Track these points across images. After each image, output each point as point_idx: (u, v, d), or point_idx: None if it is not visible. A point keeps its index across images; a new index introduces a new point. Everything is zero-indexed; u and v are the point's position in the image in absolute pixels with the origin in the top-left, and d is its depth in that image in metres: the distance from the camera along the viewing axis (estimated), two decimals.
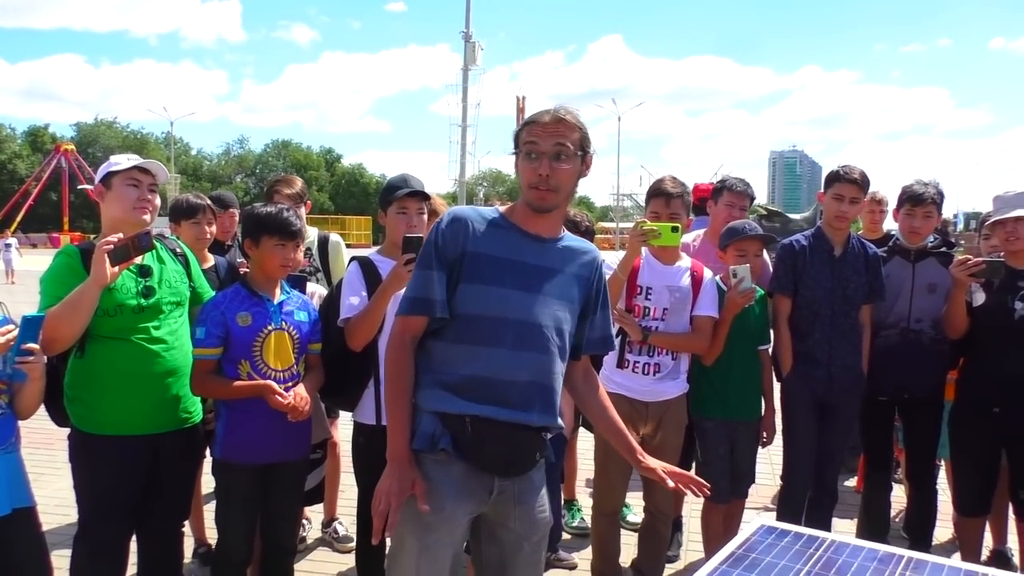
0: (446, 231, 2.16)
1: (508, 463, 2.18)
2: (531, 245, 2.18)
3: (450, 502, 2.12)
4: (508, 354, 2.11)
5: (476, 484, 2.15)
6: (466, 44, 32.23)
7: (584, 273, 2.26)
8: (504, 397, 2.11)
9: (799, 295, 3.62)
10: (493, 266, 2.13)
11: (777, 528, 2.08)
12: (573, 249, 2.26)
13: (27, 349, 2.43)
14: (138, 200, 2.80)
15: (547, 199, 2.12)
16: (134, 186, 2.81)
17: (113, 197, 2.81)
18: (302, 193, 4.03)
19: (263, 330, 2.93)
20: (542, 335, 2.15)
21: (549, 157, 2.09)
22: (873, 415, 3.81)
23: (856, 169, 3.60)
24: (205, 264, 3.77)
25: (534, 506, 2.25)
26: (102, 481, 2.79)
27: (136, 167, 2.82)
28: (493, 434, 2.12)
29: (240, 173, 79.37)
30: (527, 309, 2.13)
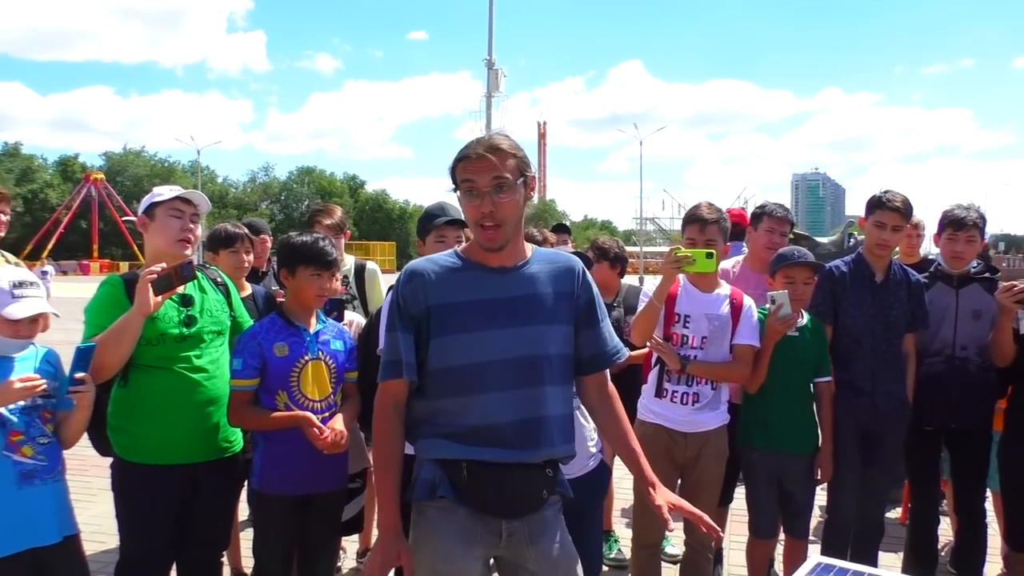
0: (404, 290, 2.13)
1: (511, 505, 2.11)
2: (495, 279, 2.11)
3: (458, 549, 2.08)
4: (495, 397, 2.07)
5: (483, 528, 2.11)
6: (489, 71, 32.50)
7: (563, 288, 2.16)
8: (500, 439, 2.07)
9: (839, 323, 3.55)
10: (459, 313, 2.08)
11: (835, 566, 2.01)
12: (545, 268, 2.17)
13: (80, 379, 2.46)
14: (180, 231, 2.83)
15: (496, 237, 2.06)
16: (177, 217, 2.84)
17: (156, 228, 2.84)
18: (342, 223, 4.05)
19: (300, 360, 2.92)
20: (527, 369, 2.08)
21: (490, 193, 2.03)
22: (919, 445, 3.71)
23: (899, 196, 3.54)
24: (243, 293, 3.79)
25: (552, 545, 2.17)
26: (144, 510, 2.79)
27: (178, 197, 2.85)
28: (491, 477, 2.07)
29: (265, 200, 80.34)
30: (503, 347, 2.07)
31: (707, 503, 3.36)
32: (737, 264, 4.06)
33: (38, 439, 2.46)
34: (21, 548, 2.41)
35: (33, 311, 2.45)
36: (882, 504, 3.71)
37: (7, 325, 2.43)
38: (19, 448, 2.42)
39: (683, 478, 3.38)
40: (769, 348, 3.32)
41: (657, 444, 3.30)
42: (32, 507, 2.43)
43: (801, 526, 3.52)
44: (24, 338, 2.49)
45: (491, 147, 2.04)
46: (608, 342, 2.25)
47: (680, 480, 3.40)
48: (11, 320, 2.42)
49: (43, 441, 2.48)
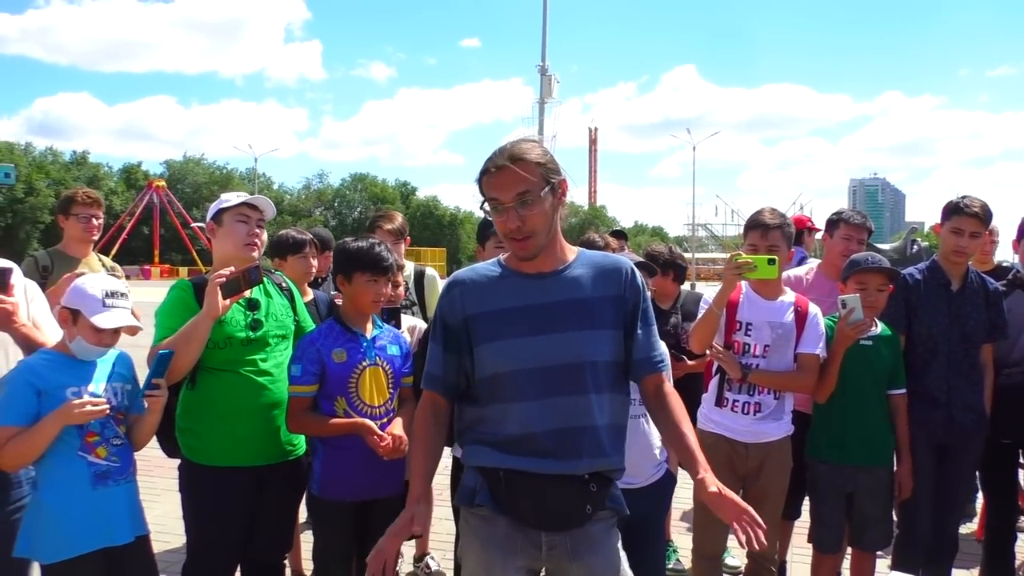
0: (444, 301, 2.15)
1: (549, 517, 2.06)
2: (534, 285, 2.07)
3: (499, 559, 2.07)
4: (537, 405, 2.03)
5: (523, 539, 2.08)
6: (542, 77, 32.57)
7: (609, 292, 2.09)
8: (540, 448, 2.03)
9: (914, 331, 3.44)
10: (498, 320, 2.06)
11: None
12: (589, 271, 2.10)
13: (156, 384, 2.53)
14: (247, 235, 2.88)
15: (528, 248, 2.03)
16: (243, 222, 2.89)
17: (224, 233, 2.89)
18: (402, 229, 4.07)
19: (358, 366, 2.93)
20: (569, 376, 2.03)
21: (515, 207, 1.98)
22: (996, 459, 3.59)
23: (977, 201, 3.42)
24: (306, 298, 3.83)
25: (598, 563, 2.10)
26: (211, 511, 2.83)
27: (245, 203, 2.89)
28: (528, 487, 2.04)
29: (319, 206, 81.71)
30: (544, 353, 2.03)
31: (770, 515, 3.28)
32: (811, 272, 3.96)
33: (112, 440, 2.52)
34: (96, 547, 2.46)
35: (119, 323, 2.51)
36: (957, 519, 3.59)
37: (92, 332, 2.48)
38: (94, 449, 2.48)
39: (745, 489, 3.30)
40: (839, 355, 3.22)
41: (718, 454, 3.23)
42: (106, 507, 2.48)
43: (871, 539, 3.40)
44: (106, 346, 2.54)
45: (512, 157, 1.99)
46: (656, 347, 2.18)
47: (742, 492, 3.32)
48: (97, 328, 2.47)
49: (116, 443, 2.53)
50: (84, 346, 2.49)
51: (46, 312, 2.85)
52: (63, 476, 2.46)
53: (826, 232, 3.99)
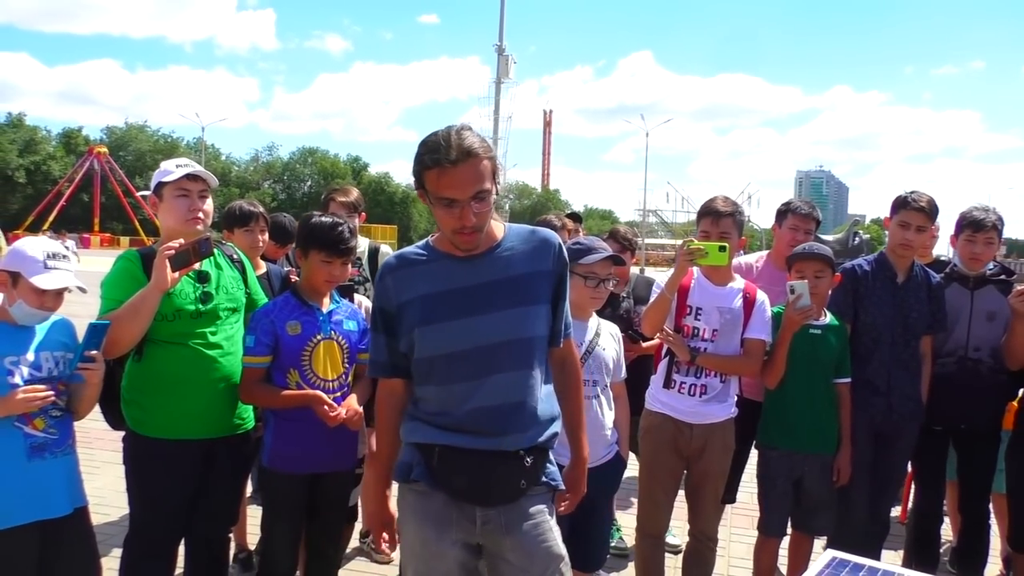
0: (378, 289, 2.19)
1: (482, 492, 2.10)
2: (464, 267, 2.09)
3: (432, 532, 2.11)
4: (473, 385, 2.07)
5: (458, 514, 2.11)
6: (499, 57, 32.45)
7: (541, 267, 2.11)
8: (473, 426, 2.07)
9: (859, 321, 3.54)
10: (430, 304, 2.08)
11: (849, 561, 2.02)
12: (520, 247, 2.12)
13: (90, 356, 2.45)
14: (189, 211, 2.79)
15: (475, 241, 2.05)
16: (184, 196, 2.79)
17: (166, 208, 2.81)
18: (357, 203, 4.02)
19: (312, 339, 2.91)
20: (501, 354, 2.06)
21: (469, 204, 1.97)
22: (927, 445, 3.70)
23: (924, 196, 3.52)
24: (258, 271, 3.77)
25: (532, 537, 2.12)
26: (156, 484, 2.79)
27: (185, 176, 2.80)
28: (461, 463, 2.08)
29: (268, 179, 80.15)
30: (474, 335, 2.05)
31: (712, 496, 3.37)
32: (760, 259, 4.04)
33: (51, 412, 2.45)
34: (30, 519, 2.41)
35: (61, 284, 2.44)
36: (890, 502, 3.72)
37: (34, 295, 2.41)
38: (31, 421, 2.42)
39: (689, 470, 3.39)
40: (786, 340, 3.30)
41: (663, 434, 3.31)
42: (42, 479, 2.43)
43: (819, 524, 3.51)
44: (48, 310, 2.47)
45: (468, 152, 1.93)
46: (568, 316, 2.27)
47: (686, 472, 3.41)
48: (38, 290, 2.40)
49: (55, 414, 2.47)
50: (25, 310, 2.42)
51: None
52: None
53: (775, 222, 4.08)
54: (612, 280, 3.02)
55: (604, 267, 2.95)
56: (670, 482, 3.39)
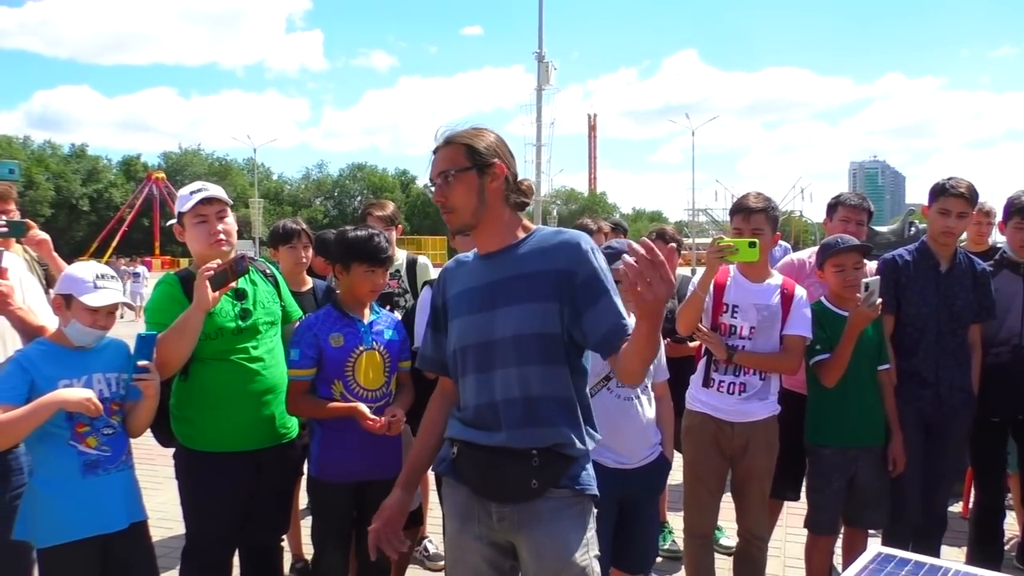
0: (434, 288, 2.36)
1: (491, 487, 2.12)
2: (485, 265, 2.18)
3: (456, 525, 2.20)
4: (477, 380, 2.12)
5: (479, 508, 2.15)
6: (539, 64, 32.41)
7: (554, 265, 2.07)
8: (481, 421, 2.12)
9: (903, 312, 3.47)
10: (458, 300, 2.21)
11: (895, 556, 1.97)
12: (537, 247, 2.12)
13: (143, 366, 2.55)
14: (209, 235, 2.86)
15: (451, 221, 2.18)
16: (203, 222, 2.86)
17: (189, 237, 2.89)
18: (394, 216, 4.10)
19: (355, 350, 2.97)
20: (505, 349, 2.07)
21: (440, 184, 2.15)
22: (984, 437, 3.62)
23: (963, 182, 3.44)
24: (304, 287, 3.88)
25: (543, 539, 2.08)
26: (209, 496, 2.87)
27: (199, 202, 2.85)
28: (473, 458, 2.14)
29: (319, 196, 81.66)
30: (485, 329, 2.10)
31: (758, 494, 3.33)
32: (812, 255, 3.99)
33: (103, 430, 2.55)
34: (88, 534, 2.51)
35: (111, 300, 2.54)
36: (945, 496, 3.62)
37: (86, 314, 2.52)
38: (84, 439, 2.51)
39: (733, 469, 3.35)
40: (853, 337, 3.22)
41: (704, 433, 3.29)
42: (97, 495, 2.52)
43: (870, 518, 3.45)
44: (101, 328, 2.57)
45: (445, 139, 2.16)
46: (605, 321, 2.04)
47: (731, 471, 3.37)
48: (90, 309, 2.51)
49: (108, 432, 2.57)
50: (80, 329, 2.53)
51: (41, 299, 2.88)
52: (54, 464, 2.51)
53: (826, 216, 4.02)
54: None
55: None
56: (714, 482, 3.35)
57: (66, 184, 63.14)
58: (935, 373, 3.42)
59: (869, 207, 3.88)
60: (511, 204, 2.17)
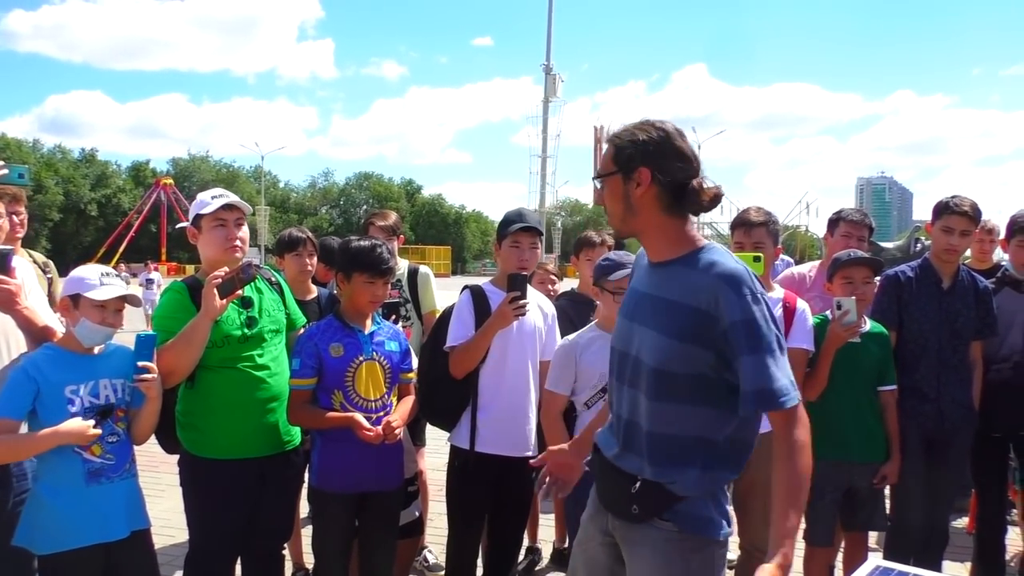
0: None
1: (603, 497, 2.13)
2: (647, 271, 2.09)
3: (590, 509, 2.24)
4: (616, 385, 2.11)
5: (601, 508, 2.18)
6: (547, 76, 32.65)
7: (693, 302, 1.90)
8: (612, 428, 2.13)
9: (905, 328, 3.48)
10: (625, 296, 2.20)
11: (893, 570, 1.98)
12: (684, 272, 1.96)
13: (143, 367, 2.56)
14: (227, 240, 2.90)
15: (609, 221, 2.16)
16: (221, 226, 2.90)
17: (204, 240, 2.92)
18: (396, 226, 4.12)
19: (355, 360, 2.99)
20: (635, 368, 2.01)
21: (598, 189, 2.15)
22: (986, 452, 3.63)
23: (967, 200, 3.46)
24: (309, 295, 3.91)
25: (638, 565, 2.05)
26: (214, 503, 2.89)
27: (221, 207, 2.90)
28: (597, 459, 2.17)
29: (325, 204, 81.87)
30: (624, 338, 2.07)
31: (761, 507, 3.31)
32: (813, 269, 4.01)
33: (107, 438, 2.56)
34: (90, 542, 2.52)
35: (116, 293, 2.56)
36: (947, 511, 3.62)
37: (95, 310, 2.54)
38: (89, 447, 2.53)
39: (736, 481, 3.34)
40: (829, 354, 3.25)
41: None
42: (101, 503, 2.54)
43: (863, 519, 3.43)
44: (110, 325, 2.59)
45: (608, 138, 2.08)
46: (752, 381, 1.85)
47: (733, 483, 3.37)
48: (98, 305, 2.54)
49: (112, 440, 2.58)
50: (89, 327, 2.54)
51: (43, 302, 2.90)
52: (58, 472, 2.52)
53: (827, 231, 4.04)
54: None
55: None
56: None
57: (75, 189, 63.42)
58: (936, 389, 3.43)
59: (870, 223, 3.90)
60: (676, 212, 1.99)
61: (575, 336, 3.06)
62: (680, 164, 1.97)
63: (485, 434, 3.18)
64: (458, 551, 3.28)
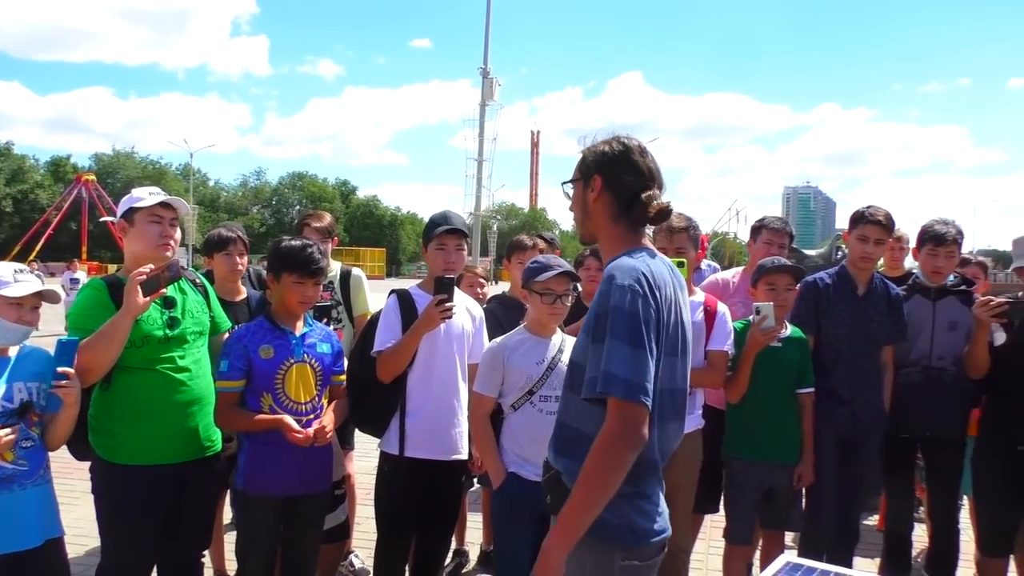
0: None
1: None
2: None
3: None
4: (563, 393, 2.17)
5: None
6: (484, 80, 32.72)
7: (596, 299, 2.01)
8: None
9: (822, 333, 3.61)
10: None
11: (803, 565, 2.06)
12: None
13: (63, 373, 2.47)
14: (161, 236, 2.84)
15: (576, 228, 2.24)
16: (156, 223, 2.84)
17: (136, 233, 2.84)
18: (330, 228, 4.07)
19: (285, 363, 2.96)
20: (568, 370, 2.14)
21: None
22: (895, 453, 3.78)
23: (881, 211, 3.62)
24: (238, 296, 3.83)
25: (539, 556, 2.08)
26: (129, 511, 2.79)
27: (159, 203, 2.84)
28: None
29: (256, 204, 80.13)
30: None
31: (682, 507, 3.40)
32: (737, 275, 4.12)
33: (21, 443, 2.47)
34: (1, 552, 2.42)
35: (32, 290, 2.49)
36: (858, 510, 3.77)
37: (10, 308, 2.46)
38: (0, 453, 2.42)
39: None
40: (750, 358, 3.36)
41: None
42: (11, 511, 2.44)
43: (782, 518, 3.54)
44: (26, 323, 2.51)
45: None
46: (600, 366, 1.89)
47: None
48: (13, 302, 2.45)
49: (26, 445, 2.49)
50: (5, 326, 2.46)
51: None
52: None
53: (751, 238, 4.17)
54: (570, 295, 3.05)
55: (559, 283, 2.98)
56: None
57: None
58: (851, 392, 3.57)
59: (790, 230, 4.05)
60: (623, 221, 2.06)
61: (503, 338, 3.09)
62: (631, 177, 2.06)
63: (414, 438, 3.17)
64: (386, 556, 3.27)
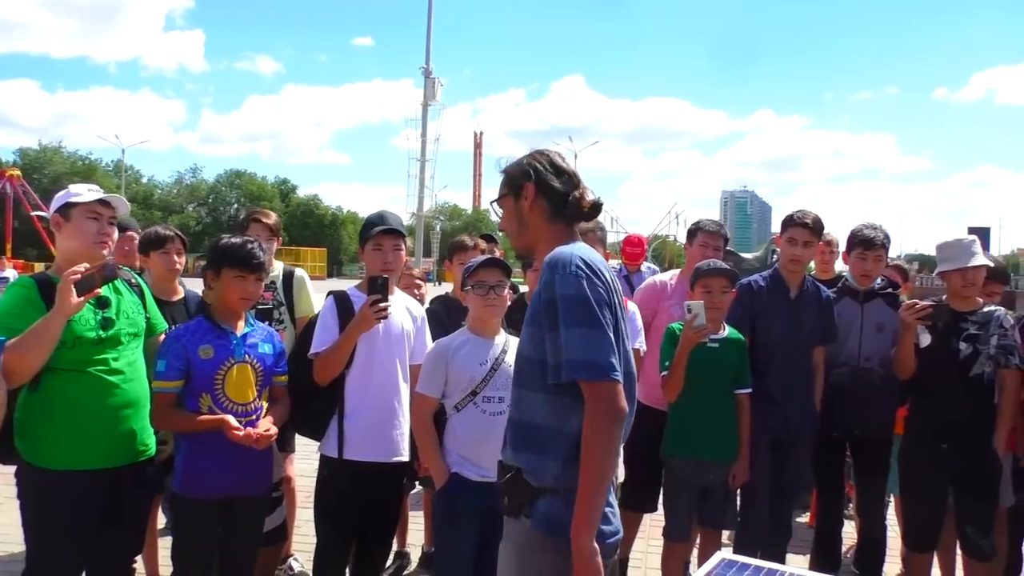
0: None
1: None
2: None
3: None
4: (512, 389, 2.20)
5: None
6: (426, 80, 32.68)
7: (539, 289, 2.06)
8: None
9: (756, 335, 3.71)
10: None
11: (738, 562, 2.12)
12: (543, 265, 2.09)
13: None
14: (98, 234, 2.76)
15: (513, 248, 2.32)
16: (95, 219, 2.76)
17: (72, 229, 2.75)
18: (275, 227, 4.00)
19: (225, 363, 2.91)
20: (516, 367, 2.17)
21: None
22: (825, 451, 3.90)
23: (810, 214, 3.74)
24: (175, 296, 3.74)
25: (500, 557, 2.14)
26: (55, 518, 2.70)
27: (99, 200, 2.76)
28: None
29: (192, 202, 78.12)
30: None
31: None
32: (674, 277, 4.20)
33: None
34: None
35: None
36: (791, 508, 3.89)
37: None
38: None
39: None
40: (683, 356, 3.43)
41: None
42: None
43: (718, 517, 3.61)
44: None
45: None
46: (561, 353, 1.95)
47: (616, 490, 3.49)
48: None
49: None
50: None
51: None
52: None
53: (687, 241, 4.26)
54: (505, 286, 3.04)
55: (490, 274, 2.99)
56: None
57: None
58: (784, 393, 3.67)
59: (725, 233, 4.16)
60: (559, 221, 2.16)
61: (447, 339, 3.10)
62: (560, 178, 2.18)
63: (354, 440, 3.14)
64: (326, 559, 3.24)
